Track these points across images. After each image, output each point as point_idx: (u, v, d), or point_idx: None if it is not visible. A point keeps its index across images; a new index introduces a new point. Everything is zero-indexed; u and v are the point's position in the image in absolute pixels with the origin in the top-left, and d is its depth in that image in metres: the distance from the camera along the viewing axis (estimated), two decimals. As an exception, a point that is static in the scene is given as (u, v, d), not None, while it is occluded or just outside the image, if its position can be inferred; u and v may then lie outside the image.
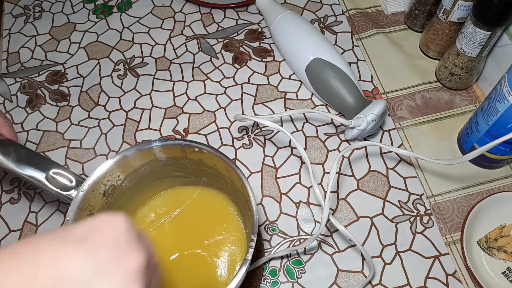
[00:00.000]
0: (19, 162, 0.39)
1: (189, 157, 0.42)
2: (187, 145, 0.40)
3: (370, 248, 0.49)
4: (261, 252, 0.48)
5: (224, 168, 0.40)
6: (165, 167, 0.44)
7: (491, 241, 0.48)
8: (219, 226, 0.45)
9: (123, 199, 0.44)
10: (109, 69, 0.63)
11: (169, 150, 0.41)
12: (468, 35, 0.50)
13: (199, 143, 0.40)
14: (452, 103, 0.58)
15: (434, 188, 0.52)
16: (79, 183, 0.39)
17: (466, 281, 0.47)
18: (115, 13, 0.68)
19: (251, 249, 0.35)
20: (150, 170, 0.43)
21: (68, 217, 0.37)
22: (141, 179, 0.44)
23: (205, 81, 0.61)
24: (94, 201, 0.40)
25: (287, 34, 0.57)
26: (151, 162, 0.42)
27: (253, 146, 0.56)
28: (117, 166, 0.40)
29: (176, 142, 0.40)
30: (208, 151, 0.40)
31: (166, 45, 0.65)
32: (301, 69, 0.56)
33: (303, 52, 0.55)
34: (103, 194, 0.41)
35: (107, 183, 0.41)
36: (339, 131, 0.56)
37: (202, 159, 0.42)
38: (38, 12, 0.69)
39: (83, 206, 0.39)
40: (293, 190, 0.52)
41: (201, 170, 0.44)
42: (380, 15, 0.66)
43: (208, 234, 0.45)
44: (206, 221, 0.46)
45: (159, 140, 0.41)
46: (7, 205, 0.53)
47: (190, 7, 0.68)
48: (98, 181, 0.39)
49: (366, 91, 0.59)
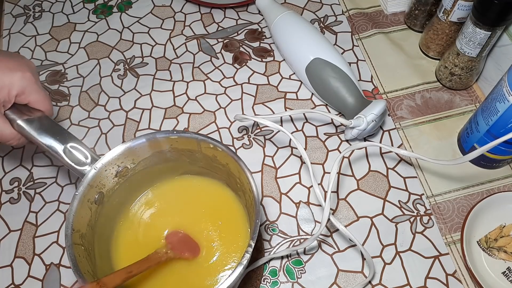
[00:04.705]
0: (41, 131, 0.40)
1: (203, 152, 0.43)
2: (203, 140, 0.41)
3: (370, 248, 0.49)
4: (261, 252, 0.48)
5: (236, 169, 0.41)
6: (180, 158, 0.45)
7: (491, 241, 0.48)
8: (223, 219, 0.45)
9: (134, 182, 0.44)
10: (109, 69, 0.63)
11: (185, 142, 0.42)
12: (468, 35, 0.50)
13: (214, 140, 0.41)
14: (452, 103, 0.58)
15: (434, 188, 0.52)
16: (93, 160, 0.40)
17: (466, 281, 0.47)
18: (115, 13, 0.68)
19: (247, 254, 0.35)
20: (164, 159, 0.44)
21: (78, 192, 0.38)
22: (154, 165, 0.44)
23: (205, 81, 0.61)
24: (105, 180, 0.41)
25: (287, 34, 0.57)
26: (166, 151, 0.43)
27: (253, 146, 0.56)
28: (132, 150, 0.41)
29: (192, 135, 0.41)
30: (222, 149, 0.40)
31: (166, 45, 0.65)
32: (301, 69, 0.56)
33: (303, 52, 0.55)
34: (115, 175, 0.42)
35: (121, 165, 0.41)
36: (339, 131, 0.56)
37: (216, 156, 0.42)
38: (38, 12, 0.69)
39: (94, 184, 0.40)
40: (293, 190, 0.52)
41: (214, 166, 0.44)
42: (380, 15, 0.66)
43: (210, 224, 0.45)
44: (211, 212, 0.46)
45: (177, 132, 0.42)
46: (7, 205, 0.53)
47: (190, 7, 0.68)
48: (112, 161, 0.40)
49: (366, 91, 0.59)
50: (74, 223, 0.37)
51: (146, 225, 0.45)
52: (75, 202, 0.38)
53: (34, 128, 0.41)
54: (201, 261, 0.43)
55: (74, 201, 0.38)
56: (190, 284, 0.42)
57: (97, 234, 0.41)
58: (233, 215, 0.45)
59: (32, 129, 0.41)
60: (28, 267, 0.49)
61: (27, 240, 0.50)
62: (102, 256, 0.41)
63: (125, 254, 0.43)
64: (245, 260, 0.35)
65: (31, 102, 0.42)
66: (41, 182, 0.54)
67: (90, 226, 0.40)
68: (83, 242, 0.38)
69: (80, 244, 0.38)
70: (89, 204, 0.40)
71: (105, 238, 0.43)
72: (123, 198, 0.45)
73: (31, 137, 0.41)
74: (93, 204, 0.40)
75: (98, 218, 0.41)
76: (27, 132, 0.40)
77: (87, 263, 0.37)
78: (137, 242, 0.44)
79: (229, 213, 0.45)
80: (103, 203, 0.41)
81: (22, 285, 0.48)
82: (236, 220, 0.45)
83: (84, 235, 0.39)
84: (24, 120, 0.41)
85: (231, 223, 0.45)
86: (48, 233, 0.51)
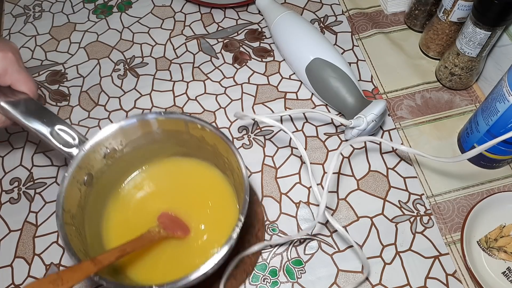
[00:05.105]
0: (27, 113, 0.40)
1: (191, 132, 0.43)
2: (191, 120, 0.41)
3: (370, 248, 0.49)
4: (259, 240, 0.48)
5: (223, 148, 0.41)
6: (167, 139, 0.45)
7: (491, 241, 0.48)
8: (213, 199, 0.46)
9: (123, 163, 0.45)
10: (109, 69, 0.63)
11: (173, 123, 0.43)
12: (468, 35, 0.50)
13: (202, 120, 0.41)
14: (452, 103, 0.58)
15: (434, 188, 0.52)
16: (81, 142, 0.40)
17: (466, 281, 0.47)
18: (115, 13, 0.68)
19: (237, 228, 0.36)
20: (152, 140, 0.45)
21: (67, 173, 0.38)
22: (143, 147, 0.45)
23: (205, 81, 0.61)
24: (94, 161, 0.41)
25: (287, 34, 0.57)
26: (154, 132, 0.44)
27: (253, 146, 0.56)
28: (120, 131, 0.41)
29: (180, 116, 0.42)
30: (210, 129, 0.41)
31: (166, 45, 0.65)
32: (301, 69, 0.56)
33: (303, 52, 0.55)
34: (103, 156, 0.42)
35: (109, 146, 0.42)
36: (339, 131, 0.56)
37: (203, 137, 0.43)
38: (38, 12, 0.69)
39: (83, 165, 0.40)
40: (293, 190, 0.52)
41: (202, 147, 0.45)
42: (380, 15, 0.66)
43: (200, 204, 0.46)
44: (201, 193, 0.47)
45: (164, 113, 0.42)
46: (7, 205, 0.53)
47: (190, 7, 0.68)
48: (100, 142, 0.41)
49: (366, 91, 0.59)
50: (64, 203, 0.38)
51: (136, 206, 0.46)
52: (64, 183, 0.38)
53: (20, 111, 0.40)
54: (192, 240, 0.44)
55: (64, 182, 0.38)
56: (181, 263, 0.43)
57: (87, 215, 0.42)
58: (222, 195, 0.46)
59: (18, 112, 0.40)
60: (28, 267, 0.49)
61: (27, 240, 0.51)
62: (93, 237, 0.42)
63: (115, 235, 0.44)
64: (235, 234, 0.35)
65: (14, 82, 0.41)
66: (41, 182, 0.54)
67: (80, 207, 0.40)
68: (74, 222, 0.39)
69: (71, 224, 0.38)
70: (79, 185, 0.40)
71: (96, 219, 0.44)
72: (112, 180, 0.46)
73: (17, 119, 0.40)
74: (83, 186, 0.40)
75: (88, 199, 0.42)
76: (12, 114, 0.40)
77: (79, 242, 0.38)
78: (127, 223, 0.45)
79: (218, 193, 0.46)
80: (92, 185, 0.42)
81: (22, 285, 0.48)
82: (226, 199, 0.45)
83: (75, 215, 0.39)
84: (8, 102, 0.40)
85: (220, 203, 0.46)
86: (48, 233, 0.51)
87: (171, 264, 0.43)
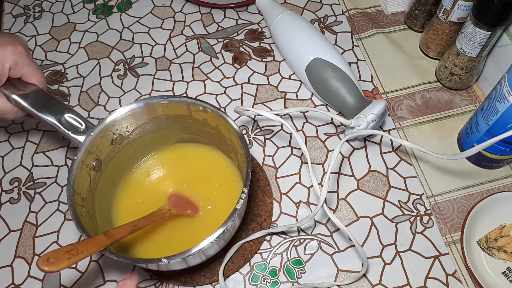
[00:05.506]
0: (37, 103, 0.42)
1: (194, 116, 0.44)
2: (193, 102, 0.43)
3: (370, 248, 0.49)
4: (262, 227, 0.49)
5: (226, 129, 0.42)
6: (172, 125, 0.47)
7: (491, 241, 0.48)
8: (218, 181, 0.48)
9: (131, 150, 0.47)
10: (109, 69, 0.63)
11: (176, 106, 0.44)
12: (468, 35, 0.50)
13: (203, 102, 0.42)
14: (452, 103, 0.58)
15: (434, 188, 0.52)
16: (89, 128, 0.42)
17: (466, 281, 0.47)
18: (115, 13, 0.68)
19: (241, 200, 0.37)
20: (157, 126, 0.46)
21: (76, 156, 0.40)
22: (149, 134, 0.47)
23: (205, 81, 0.61)
24: (102, 147, 0.43)
25: (287, 34, 0.57)
26: (158, 118, 0.45)
27: (253, 146, 0.56)
28: (125, 117, 0.43)
29: (182, 99, 0.43)
30: (211, 110, 0.42)
31: (166, 45, 0.65)
32: (301, 69, 0.56)
33: (303, 52, 0.55)
34: (111, 142, 0.44)
35: (116, 132, 0.43)
36: (339, 131, 0.56)
37: (206, 119, 0.44)
38: (38, 12, 0.69)
39: (91, 149, 0.42)
40: (293, 190, 0.52)
41: (205, 131, 0.46)
42: (380, 15, 0.66)
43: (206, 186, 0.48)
44: (206, 175, 0.49)
45: (167, 97, 0.43)
46: (7, 205, 0.53)
47: (190, 7, 0.68)
48: (107, 128, 0.43)
49: (366, 91, 0.59)
50: (74, 186, 0.39)
51: (145, 191, 0.48)
52: (74, 167, 0.40)
53: (30, 101, 0.42)
54: (200, 220, 0.46)
55: (73, 166, 0.40)
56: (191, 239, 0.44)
57: (97, 199, 0.43)
58: (227, 176, 0.48)
59: (28, 102, 0.42)
60: (28, 267, 0.49)
61: (27, 240, 0.51)
62: (103, 220, 0.44)
63: (126, 219, 0.45)
64: (239, 205, 0.37)
65: (24, 75, 0.43)
66: (41, 182, 0.54)
67: (90, 191, 0.42)
68: (85, 205, 0.40)
69: (81, 206, 0.39)
70: (88, 169, 0.42)
71: (106, 204, 0.46)
72: (121, 166, 0.47)
73: (28, 109, 0.42)
74: (92, 170, 0.42)
75: (98, 184, 0.43)
76: (23, 105, 0.42)
77: (89, 223, 0.39)
78: (137, 208, 0.47)
79: (223, 174, 0.49)
80: (101, 170, 0.44)
81: (22, 285, 0.48)
82: (231, 180, 0.48)
83: (85, 198, 0.41)
84: (20, 95, 0.42)
85: (225, 183, 0.48)
86: (48, 233, 0.51)
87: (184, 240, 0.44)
